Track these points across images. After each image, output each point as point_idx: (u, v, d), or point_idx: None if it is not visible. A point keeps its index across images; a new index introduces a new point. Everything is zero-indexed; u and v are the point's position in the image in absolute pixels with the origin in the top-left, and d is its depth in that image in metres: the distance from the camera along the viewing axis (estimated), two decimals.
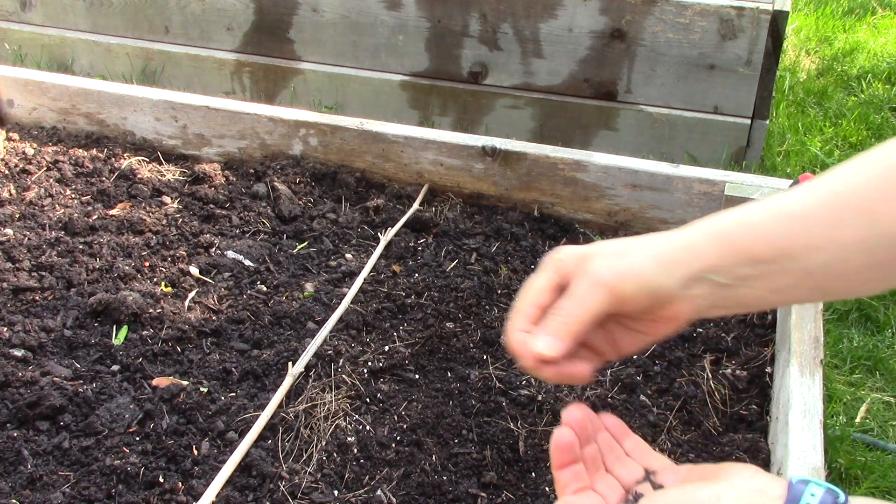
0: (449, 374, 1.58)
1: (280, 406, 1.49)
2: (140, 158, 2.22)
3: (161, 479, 1.35)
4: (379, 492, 1.35)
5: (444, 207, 2.06)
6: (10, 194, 2.08)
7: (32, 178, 2.15)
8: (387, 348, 1.62)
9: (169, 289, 1.79)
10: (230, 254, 1.89)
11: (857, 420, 1.94)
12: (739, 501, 0.65)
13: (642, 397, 1.54)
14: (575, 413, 0.76)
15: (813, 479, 0.67)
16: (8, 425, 1.45)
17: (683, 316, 0.79)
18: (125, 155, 2.23)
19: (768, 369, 1.60)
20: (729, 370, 1.60)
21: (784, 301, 0.83)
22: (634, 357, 1.63)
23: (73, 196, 2.09)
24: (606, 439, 0.79)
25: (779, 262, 0.74)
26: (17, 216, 2.00)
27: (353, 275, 1.83)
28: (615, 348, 0.82)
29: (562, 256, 0.79)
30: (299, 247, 1.95)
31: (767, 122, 2.79)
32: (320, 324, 1.68)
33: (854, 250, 0.73)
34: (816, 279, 0.75)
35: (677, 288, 0.76)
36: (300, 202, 2.08)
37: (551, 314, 0.77)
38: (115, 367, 1.58)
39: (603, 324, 0.79)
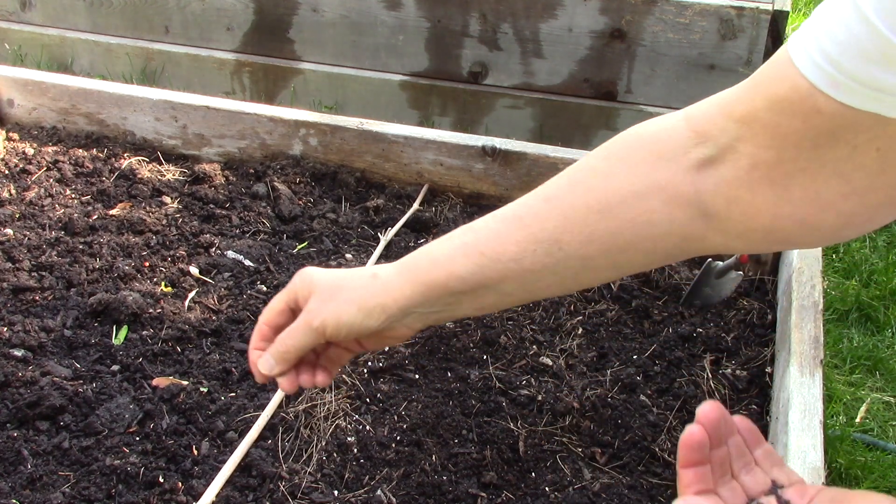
0: (449, 374, 1.58)
1: (280, 406, 1.49)
2: (140, 158, 2.22)
3: (161, 479, 1.35)
4: (379, 492, 1.35)
5: (444, 207, 2.06)
6: (10, 194, 2.08)
7: (32, 178, 2.15)
8: (387, 348, 1.62)
9: (169, 289, 1.79)
10: (230, 254, 1.89)
11: (857, 420, 1.94)
12: None
13: (642, 397, 1.54)
14: (710, 412, 0.73)
15: None
16: (8, 425, 1.45)
17: (406, 335, 0.92)
18: (125, 155, 2.23)
19: (768, 369, 1.60)
20: (729, 370, 1.60)
21: (495, 309, 0.95)
22: (634, 357, 1.63)
23: (73, 196, 2.09)
24: (738, 444, 0.76)
25: (476, 291, 0.84)
26: (17, 216, 2.00)
27: None
28: (351, 352, 0.96)
29: (296, 283, 0.91)
30: (299, 247, 1.95)
31: None
32: None
33: (542, 275, 0.82)
34: (514, 296, 0.86)
35: (382, 326, 0.87)
36: (300, 202, 2.08)
37: (277, 340, 0.91)
38: (115, 367, 1.58)
39: (328, 344, 0.92)
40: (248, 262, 1.87)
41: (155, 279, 1.81)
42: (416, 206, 2.05)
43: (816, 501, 0.72)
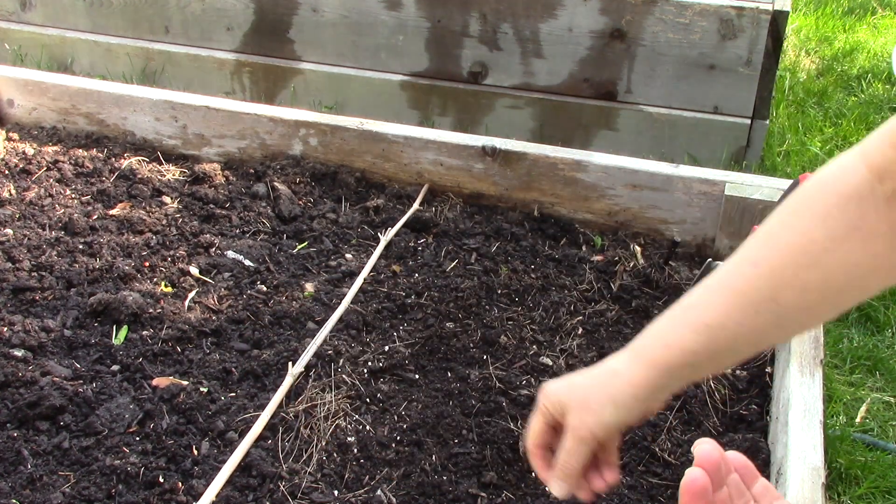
0: (449, 374, 1.58)
1: (280, 406, 1.49)
2: (140, 158, 2.22)
3: (161, 479, 1.35)
4: (379, 492, 1.34)
5: (444, 207, 2.06)
6: (10, 194, 2.07)
7: (32, 178, 2.15)
8: (387, 348, 1.62)
9: (169, 289, 1.79)
10: (230, 254, 1.89)
11: (857, 420, 1.94)
12: None
13: None
14: (709, 452, 0.76)
15: None
16: (8, 425, 1.44)
17: (661, 406, 0.97)
18: (125, 155, 2.23)
19: (768, 369, 1.60)
20: (729, 370, 1.60)
21: (735, 363, 1.02)
22: None
23: (73, 196, 2.09)
24: (736, 482, 0.79)
25: (712, 357, 0.89)
26: (17, 216, 2.00)
27: (353, 275, 1.83)
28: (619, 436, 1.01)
29: (546, 404, 1.00)
30: (299, 247, 1.95)
31: (767, 122, 2.79)
32: (320, 324, 1.68)
33: (768, 330, 0.87)
34: (746, 353, 0.91)
35: (640, 411, 0.93)
36: (300, 202, 2.08)
37: (559, 464, 0.97)
38: (115, 367, 1.58)
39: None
40: (248, 262, 1.87)
41: (155, 279, 1.81)
42: (416, 206, 2.05)
43: None
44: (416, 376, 1.58)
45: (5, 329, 1.63)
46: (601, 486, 0.99)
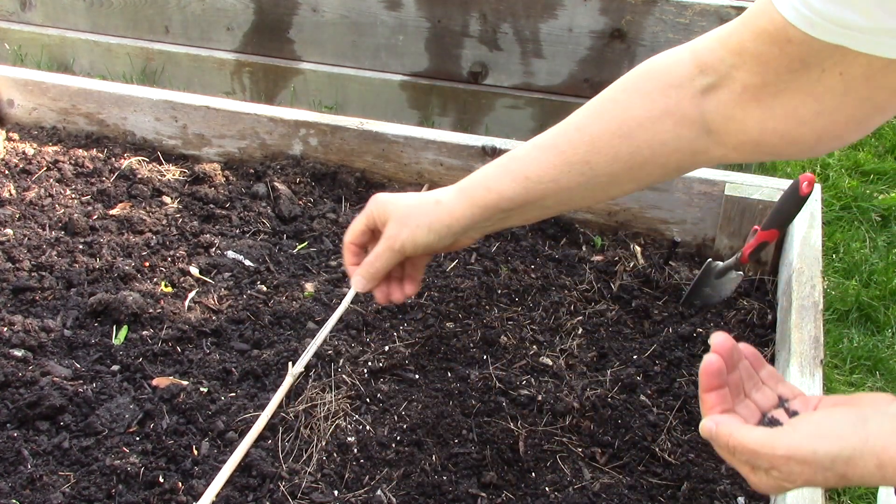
0: (449, 374, 1.58)
1: (280, 406, 1.49)
2: (140, 158, 2.22)
3: (161, 479, 1.35)
4: (379, 492, 1.35)
5: None
6: (10, 194, 2.08)
7: (32, 178, 2.15)
8: (387, 348, 1.63)
9: (169, 289, 1.79)
10: (230, 254, 1.89)
11: None
12: (884, 423, 0.75)
13: (642, 397, 1.54)
14: (724, 343, 0.85)
15: None
16: (8, 425, 1.45)
17: (469, 243, 1.13)
18: (125, 155, 2.23)
19: None
20: None
21: (538, 219, 1.14)
22: (634, 357, 1.63)
23: (73, 196, 2.09)
24: (746, 367, 0.89)
25: (523, 207, 1.03)
26: (17, 216, 2.00)
27: None
28: (427, 259, 1.18)
29: (372, 209, 1.10)
30: (299, 247, 1.95)
31: None
32: (320, 324, 1.68)
33: (576, 191, 1.01)
34: (551, 208, 1.05)
35: (449, 242, 1.08)
36: (300, 202, 2.08)
37: (364, 262, 1.12)
38: (115, 367, 1.58)
39: (404, 260, 1.12)
40: (248, 262, 1.87)
41: (155, 279, 1.81)
42: None
43: (822, 405, 0.83)
44: (416, 376, 1.58)
45: (5, 329, 1.64)
46: (398, 297, 1.15)
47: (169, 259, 1.87)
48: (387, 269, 1.11)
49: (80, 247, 1.89)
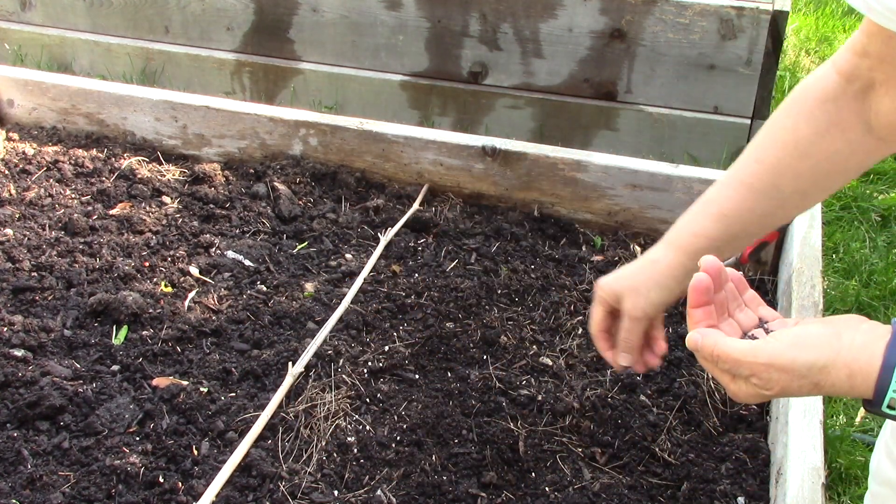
0: (449, 374, 1.58)
1: (280, 406, 1.49)
2: (140, 158, 2.22)
3: (161, 479, 1.35)
4: (379, 492, 1.35)
5: (444, 207, 2.06)
6: (10, 194, 2.08)
7: (32, 178, 2.15)
8: (387, 348, 1.63)
9: (169, 289, 1.79)
10: (230, 254, 1.89)
11: (857, 420, 1.94)
12: (857, 336, 0.83)
13: (642, 397, 1.54)
14: (712, 263, 0.93)
15: None
16: (8, 425, 1.45)
17: None
18: (125, 155, 2.23)
19: None
20: None
21: (749, 243, 1.23)
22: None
23: (73, 196, 2.09)
24: (731, 290, 0.97)
25: (730, 241, 1.12)
26: (17, 216, 2.00)
27: (353, 275, 1.83)
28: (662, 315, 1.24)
29: (602, 295, 1.19)
30: (299, 247, 1.95)
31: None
32: (320, 324, 1.68)
33: (774, 212, 1.11)
34: (757, 234, 1.14)
35: (680, 291, 1.15)
36: (300, 202, 2.08)
37: (620, 341, 1.19)
38: (115, 367, 1.58)
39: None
40: (248, 262, 1.87)
41: (155, 279, 1.81)
42: (416, 206, 2.05)
43: (802, 324, 0.91)
44: (416, 376, 1.58)
45: (5, 329, 1.64)
46: (654, 362, 1.22)
47: (169, 259, 1.87)
48: (640, 338, 1.20)
49: (80, 247, 1.89)
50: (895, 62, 0.95)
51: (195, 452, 1.41)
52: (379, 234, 1.97)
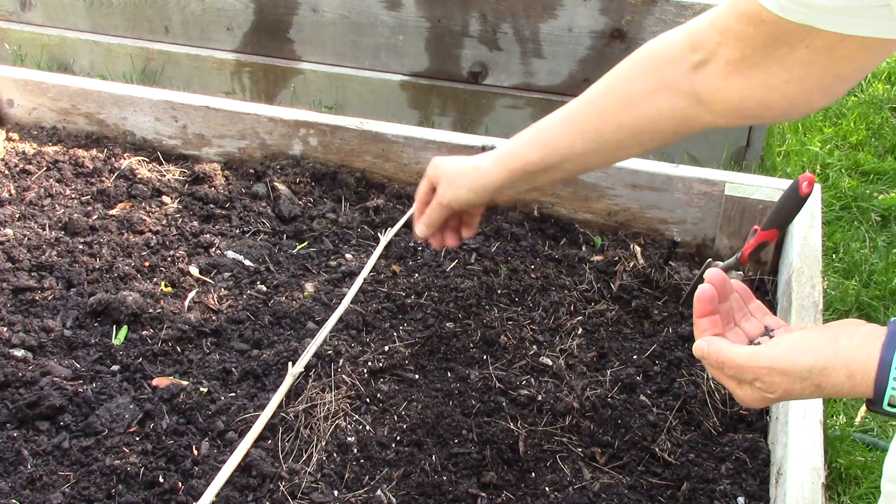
0: (449, 374, 1.58)
1: (280, 406, 1.49)
2: (140, 158, 2.22)
3: (161, 479, 1.35)
4: (379, 492, 1.35)
5: None
6: (10, 194, 2.08)
7: (32, 178, 2.15)
8: (387, 348, 1.62)
9: (169, 289, 1.79)
10: (230, 254, 1.89)
11: (857, 420, 1.94)
12: (853, 339, 0.85)
13: (642, 397, 1.54)
14: (717, 275, 0.98)
15: None
16: (8, 425, 1.45)
17: (507, 200, 1.50)
18: (125, 155, 2.23)
19: None
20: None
21: (562, 180, 1.43)
22: (634, 357, 1.63)
23: (73, 196, 2.09)
24: (737, 300, 1.00)
25: (546, 170, 1.22)
26: (17, 216, 2.00)
27: (353, 275, 1.83)
28: (479, 213, 1.40)
29: (430, 172, 1.34)
30: (299, 247, 1.95)
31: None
32: (320, 324, 1.68)
33: (589, 155, 1.19)
34: (572, 171, 1.24)
35: (487, 199, 1.30)
36: (300, 202, 2.08)
37: (424, 214, 1.36)
38: (115, 367, 1.58)
39: (462, 213, 1.37)
40: (248, 262, 1.87)
41: (155, 279, 1.81)
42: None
43: (801, 330, 0.92)
44: (416, 376, 1.58)
45: (5, 329, 1.64)
46: (452, 243, 1.40)
47: (169, 259, 1.87)
48: (440, 221, 1.34)
49: (80, 247, 1.89)
50: (757, 45, 0.97)
51: (195, 452, 1.41)
52: (379, 234, 1.97)
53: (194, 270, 1.84)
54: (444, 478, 1.37)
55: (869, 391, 0.83)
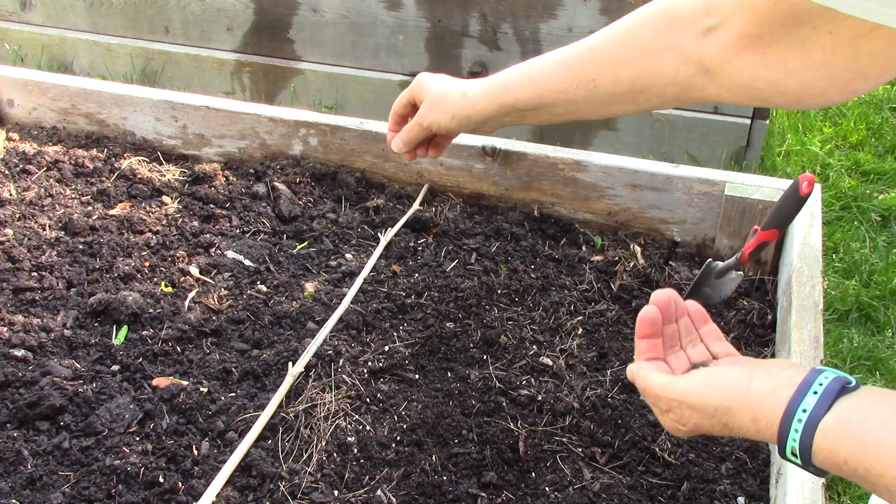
0: (449, 374, 1.58)
1: (280, 406, 1.49)
2: (140, 158, 2.22)
3: (161, 479, 1.35)
4: (379, 492, 1.35)
5: (444, 207, 2.06)
6: (10, 194, 2.08)
7: (32, 178, 2.15)
8: (387, 348, 1.63)
9: (169, 289, 1.79)
10: (230, 254, 1.89)
11: None
12: (766, 383, 0.82)
13: (642, 397, 1.54)
14: (662, 296, 0.94)
15: (828, 369, 0.81)
16: (8, 425, 1.45)
17: (488, 131, 1.34)
18: (125, 155, 2.23)
19: None
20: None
21: (549, 122, 1.27)
22: (634, 357, 1.63)
23: (73, 196, 2.09)
24: (687, 324, 0.97)
25: (535, 110, 1.18)
26: (17, 216, 2.00)
27: (353, 275, 1.83)
28: (453, 137, 1.40)
29: (414, 87, 1.31)
30: (299, 247, 1.95)
31: (767, 122, 2.79)
32: (320, 324, 1.68)
33: (582, 104, 1.14)
34: (561, 116, 1.18)
35: (469, 129, 1.27)
36: (300, 202, 2.08)
37: (403, 130, 1.36)
38: (115, 367, 1.58)
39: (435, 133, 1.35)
40: (248, 262, 1.87)
41: (155, 279, 1.81)
42: (416, 206, 2.05)
43: (731, 362, 0.91)
44: (416, 376, 1.58)
45: (5, 329, 1.64)
46: (422, 155, 1.41)
47: (169, 259, 1.87)
48: (417, 141, 1.34)
49: (80, 247, 1.89)
50: (775, 23, 0.91)
51: (195, 452, 1.41)
52: (379, 234, 1.97)
53: (194, 270, 1.84)
54: (444, 478, 1.38)
55: (773, 437, 0.80)
